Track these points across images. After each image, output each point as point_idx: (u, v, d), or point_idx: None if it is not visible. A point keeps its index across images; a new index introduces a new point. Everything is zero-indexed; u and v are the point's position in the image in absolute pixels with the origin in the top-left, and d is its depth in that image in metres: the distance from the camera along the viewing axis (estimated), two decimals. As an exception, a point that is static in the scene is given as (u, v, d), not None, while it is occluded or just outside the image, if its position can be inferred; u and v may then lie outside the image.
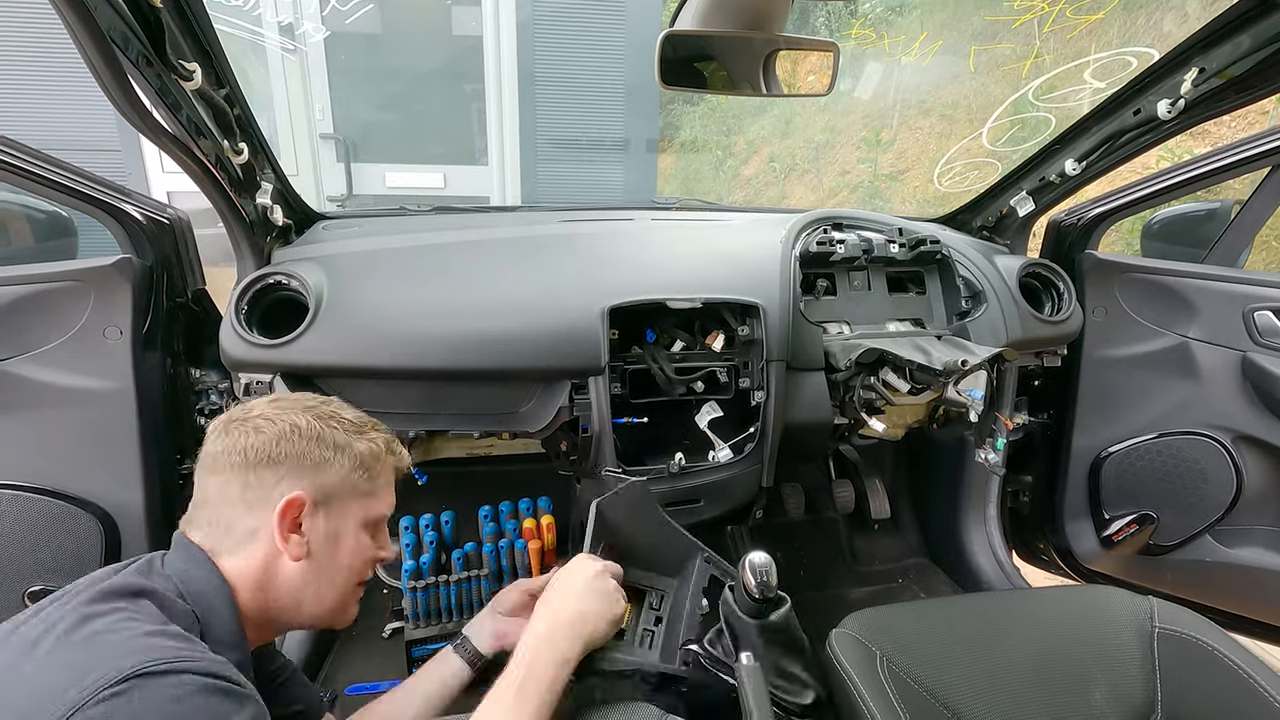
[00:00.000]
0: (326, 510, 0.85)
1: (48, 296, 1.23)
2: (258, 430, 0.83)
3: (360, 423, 0.92)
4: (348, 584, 0.90)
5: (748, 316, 1.35)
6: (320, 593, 0.86)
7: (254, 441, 0.82)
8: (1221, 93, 1.16)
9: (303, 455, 0.83)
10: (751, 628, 0.97)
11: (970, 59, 5.12)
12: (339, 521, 0.87)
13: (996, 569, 1.77)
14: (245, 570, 0.81)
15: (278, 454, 0.82)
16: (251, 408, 0.86)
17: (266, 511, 0.81)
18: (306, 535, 0.83)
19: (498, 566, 1.56)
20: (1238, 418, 1.52)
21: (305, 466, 0.83)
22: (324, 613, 0.89)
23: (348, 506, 0.88)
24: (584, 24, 4.22)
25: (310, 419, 0.86)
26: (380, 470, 0.92)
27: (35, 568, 1.27)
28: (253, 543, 0.81)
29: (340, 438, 0.87)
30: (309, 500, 0.83)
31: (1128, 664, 1.06)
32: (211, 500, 0.82)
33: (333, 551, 0.86)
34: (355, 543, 0.89)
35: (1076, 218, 1.66)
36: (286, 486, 0.82)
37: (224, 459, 0.82)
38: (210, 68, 1.00)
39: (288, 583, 0.83)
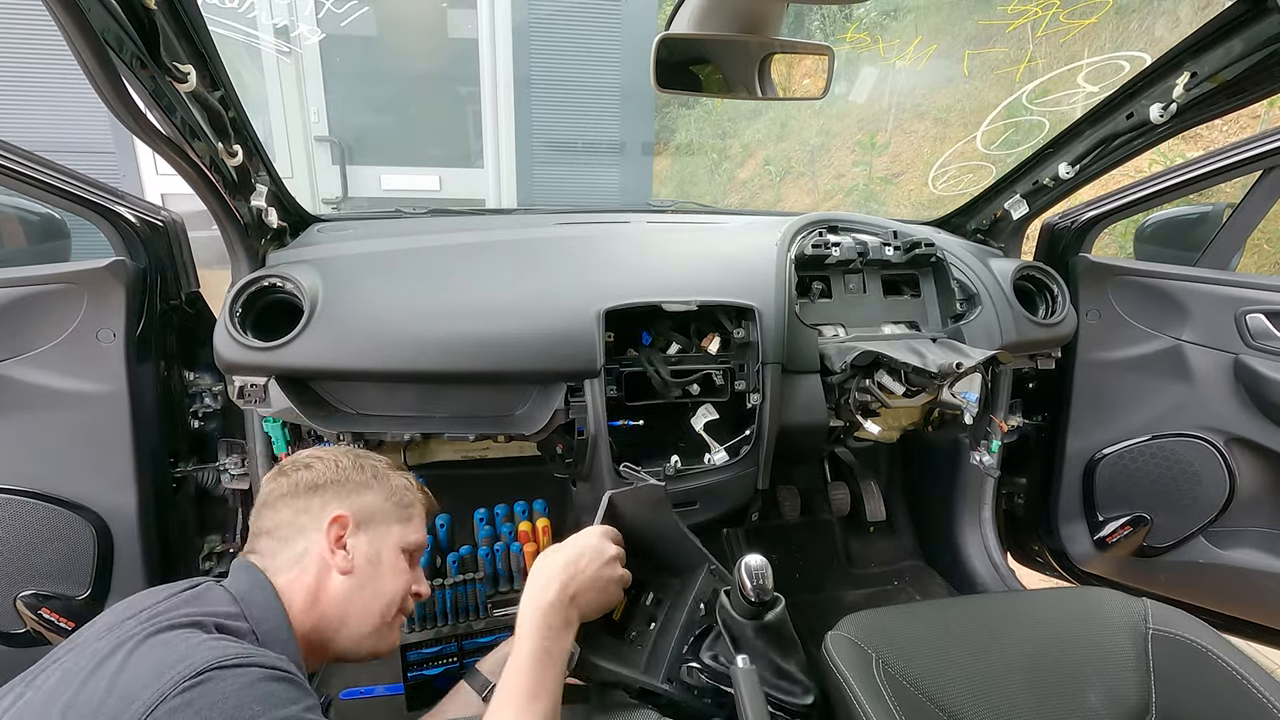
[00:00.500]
0: (368, 531, 0.97)
1: (41, 299, 1.23)
2: (308, 467, 0.98)
3: (396, 466, 1.07)
4: (389, 608, 0.98)
5: (743, 319, 1.35)
6: (366, 609, 0.95)
7: (305, 476, 0.97)
8: (1213, 97, 1.17)
9: (345, 480, 0.98)
10: (748, 629, 0.97)
11: (964, 63, 5.15)
12: (379, 542, 0.98)
13: (991, 571, 1.78)
14: (298, 586, 0.90)
15: (325, 483, 0.97)
16: (299, 456, 1.02)
17: (316, 533, 0.93)
18: (351, 551, 0.94)
19: (493, 570, 1.56)
20: (1230, 420, 1.53)
21: (348, 489, 0.98)
22: (369, 632, 0.96)
23: (387, 529, 1.00)
24: (579, 27, 4.22)
25: (352, 457, 1.02)
26: (413, 503, 1.05)
27: (28, 572, 1.26)
28: (304, 560, 0.92)
29: (379, 469, 1.03)
30: (351, 520, 0.95)
31: (1122, 665, 1.06)
32: (267, 529, 0.94)
33: (375, 570, 0.97)
34: (394, 566, 0.99)
35: (1070, 221, 1.67)
36: (332, 509, 0.95)
37: (277, 494, 0.96)
38: (205, 70, 0.99)
39: (335, 597, 0.92)
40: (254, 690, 0.65)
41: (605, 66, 4.31)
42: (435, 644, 1.48)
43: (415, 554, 1.05)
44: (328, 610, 0.92)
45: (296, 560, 0.91)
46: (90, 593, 1.30)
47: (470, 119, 4.21)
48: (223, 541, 1.52)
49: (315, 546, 0.92)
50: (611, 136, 4.46)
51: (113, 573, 1.32)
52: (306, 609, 0.89)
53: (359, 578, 0.94)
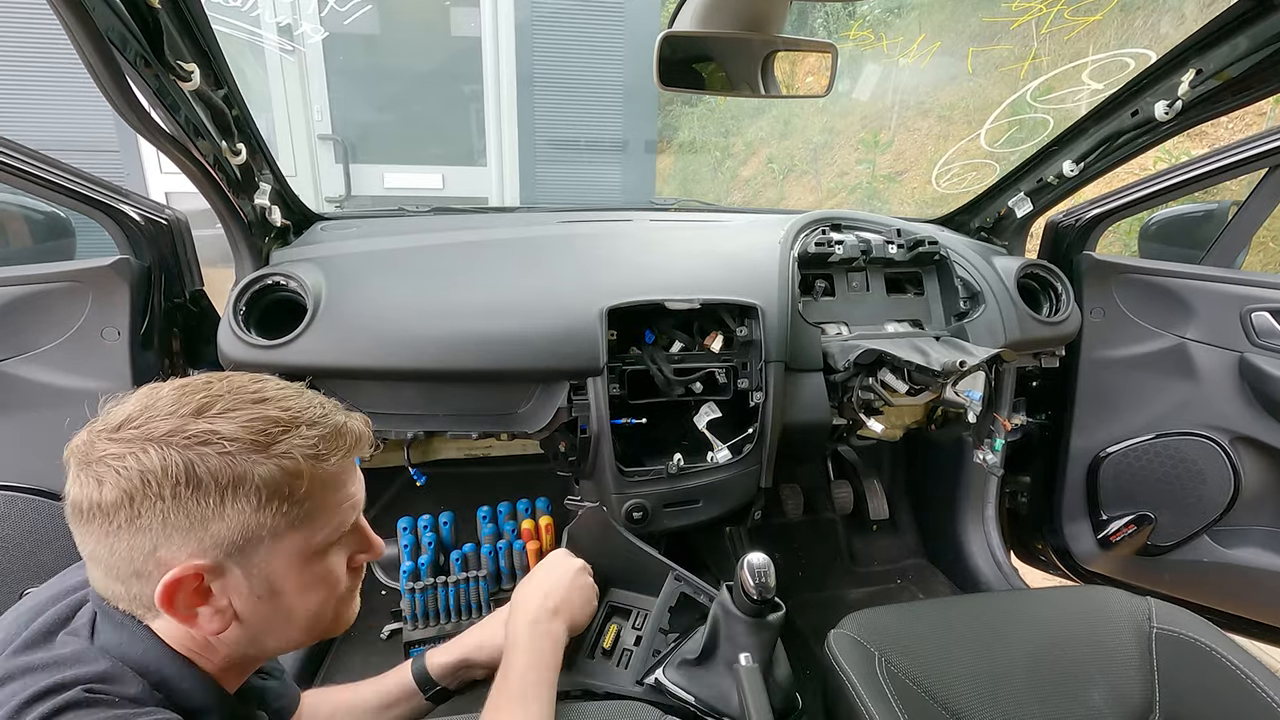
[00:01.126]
0: (240, 564, 0.63)
1: (46, 297, 1.23)
2: (100, 482, 0.58)
3: (256, 435, 0.62)
4: (321, 610, 0.70)
5: (746, 317, 1.35)
6: (283, 635, 0.69)
7: (99, 498, 0.58)
8: (1219, 94, 1.16)
9: (169, 513, 0.59)
10: (745, 627, 0.97)
11: (968, 60, 5.13)
12: (265, 569, 0.64)
13: (995, 570, 1.77)
14: (179, 636, 0.65)
15: (135, 515, 0.58)
16: (93, 441, 0.61)
17: (156, 582, 0.60)
18: (217, 602, 0.63)
19: (496, 567, 1.56)
20: (1235, 418, 1.52)
21: (181, 526, 0.59)
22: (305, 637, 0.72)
23: (273, 549, 0.64)
24: (582, 25, 4.22)
25: (169, 453, 0.58)
26: (310, 488, 0.64)
27: (35, 569, 1.27)
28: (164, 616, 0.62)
29: (223, 471, 0.60)
30: (204, 567, 0.61)
31: (1126, 664, 1.06)
32: (97, 559, 0.62)
33: (271, 602, 0.66)
34: (301, 580, 0.67)
35: (1074, 219, 1.66)
36: (166, 554, 0.60)
37: (76, 516, 0.60)
38: (208, 68, 1.00)
39: (233, 645, 0.67)
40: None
41: (608, 64, 4.31)
42: (438, 641, 1.48)
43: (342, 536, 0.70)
44: (231, 652, 0.67)
45: (148, 606, 0.62)
46: (95, 590, 1.30)
47: (473, 117, 4.21)
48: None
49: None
50: (614, 134, 4.46)
51: (118, 570, 1.33)
52: (203, 653, 0.66)
53: (252, 620, 0.65)
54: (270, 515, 0.62)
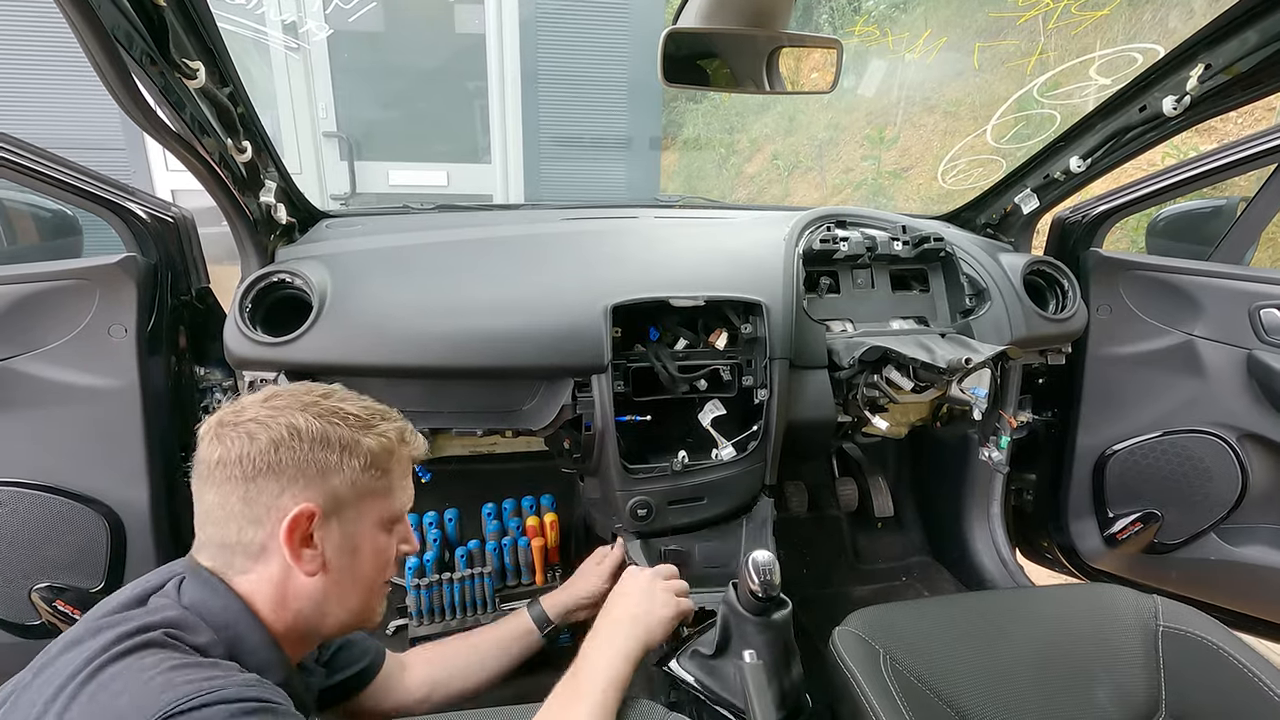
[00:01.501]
0: (339, 518, 0.79)
1: (53, 295, 1.24)
2: (252, 436, 0.75)
3: (367, 415, 0.84)
4: (372, 586, 0.86)
5: (751, 314, 1.35)
6: (345, 601, 0.83)
7: (249, 449, 0.75)
8: (1228, 89, 1.15)
9: (305, 462, 0.76)
10: (750, 626, 0.97)
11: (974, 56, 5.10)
12: (354, 527, 0.81)
13: (1000, 567, 1.77)
14: (261, 589, 0.77)
15: (277, 462, 0.75)
16: (243, 408, 0.78)
17: (273, 525, 0.75)
18: (320, 547, 0.78)
19: (501, 564, 1.57)
20: (1243, 416, 1.52)
21: (310, 474, 0.76)
22: (352, 618, 0.85)
23: (362, 509, 0.82)
24: (587, 22, 4.21)
25: (310, 418, 0.78)
26: (394, 465, 0.85)
27: (42, 565, 1.28)
28: (263, 559, 0.76)
29: (346, 436, 0.79)
30: (319, 511, 0.77)
31: (1132, 662, 1.06)
32: (214, 516, 0.77)
33: (351, 559, 0.81)
34: (374, 545, 0.84)
35: (1081, 215, 1.65)
36: (290, 498, 0.75)
37: (219, 470, 0.75)
38: (214, 66, 1.00)
39: (308, 597, 0.79)
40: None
41: (613, 61, 4.30)
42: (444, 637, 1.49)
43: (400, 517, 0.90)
44: (301, 608, 0.79)
45: (254, 558, 0.76)
46: (104, 585, 1.32)
47: (478, 114, 4.21)
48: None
49: (274, 543, 0.76)
50: (619, 131, 4.45)
51: (125, 565, 1.34)
52: (276, 610, 0.78)
53: (333, 573, 0.80)
54: (369, 478, 0.81)
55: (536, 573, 1.59)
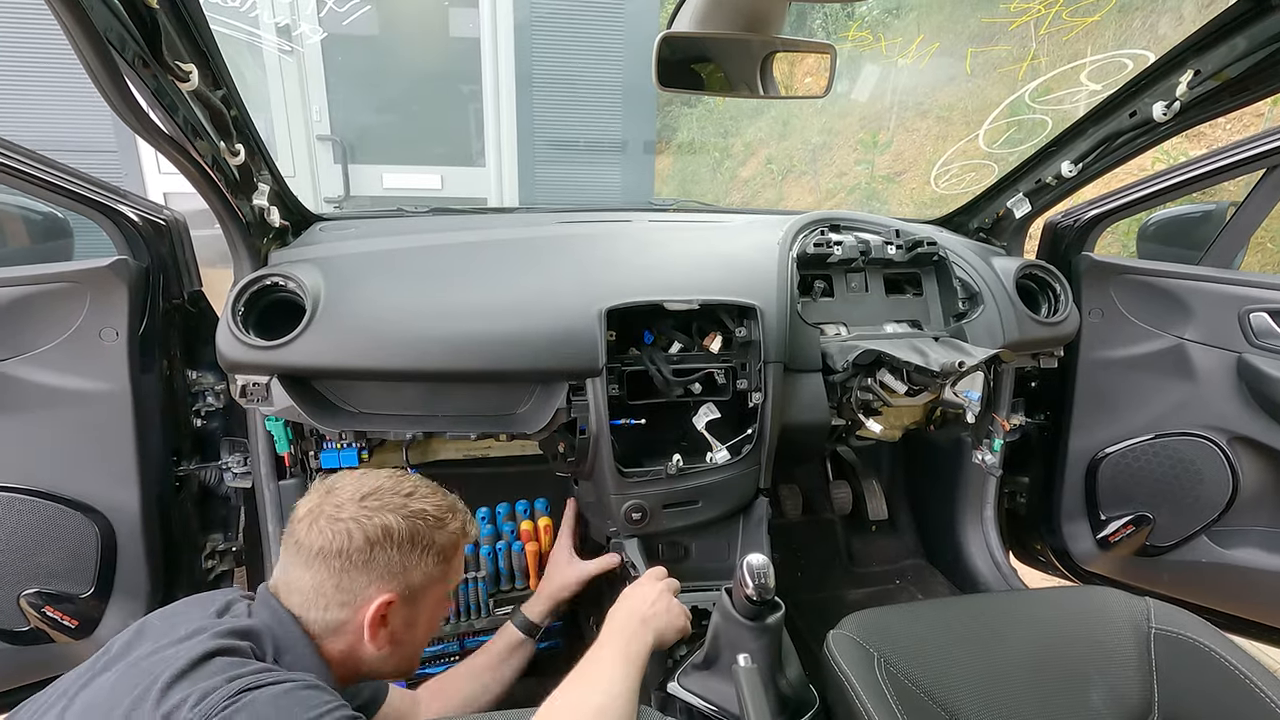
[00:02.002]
0: (412, 603, 0.93)
1: (44, 298, 1.23)
2: (350, 535, 0.87)
3: (440, 514, 0.96)
4: (420, 648, 1.01)
5: (745, 318, 1.35)
6: (400, 664, 0.97)
7: (347, 546, 0.87)
8: (1217, 95, 1.16)
9: (393, 561, 0.89)
10: (746, 632, 0.97)
11: (967, 61, 5.14)
12: (420, 608, 0.95)
13: (994, 570, 1.77)
14: (332, 648, 0.89)
15: (371, 560, 0.88)
16: (342, 505, 0.90)
17: (356, 609, 0.88)
18: (391, 626, 0.91)
19: (495, 568, 1.56)
20: (1233, 419, 1.53)
21: (395, 570, 0.90)
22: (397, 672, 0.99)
23: (429, 594, 0.95)
24: (581, 26, 4.22)
25: (400, 520, 0.90)
26: (455, 554, 0.99)
27: (32, 571, 1.26)
28: (341, 631, 0.89)
29: (426, 536, 0.93)
30: (397, 599, 0.90)
31: (1125, 665, 1.06)
32: (304, 589, 0.88)
33: (413, 632, 0.95)
34: (430, 617, 0.98)
35: (1073, 219, 1.66)
36: (376, 590, 0.88)
37: (319, 559, 0.87)
38: (207, 69, 0.99)
39: (368, 662, 0.92)
40: (287, 699, 0.69)
41: (607, 65, 4.31)
42: (438, 642, 1.49)
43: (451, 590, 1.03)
44: (360, 667, 0.93)
45: (331, 629, 0.88)
46: (94, 591, 1.30)
47: (472, 118, 4.21)
48: (225, 540, 1.53)
49: (353, 623, 0.88)
50: (613, 135, 4.46)
51: (116, 571, 1.33)
52: (339, 666, 0.90)
53: (396, 646, 0.93)
54: (439, 570, 0.94)
55: (531, 577, 1.58)
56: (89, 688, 0.74)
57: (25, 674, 1.34)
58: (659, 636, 1.03)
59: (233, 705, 0.67)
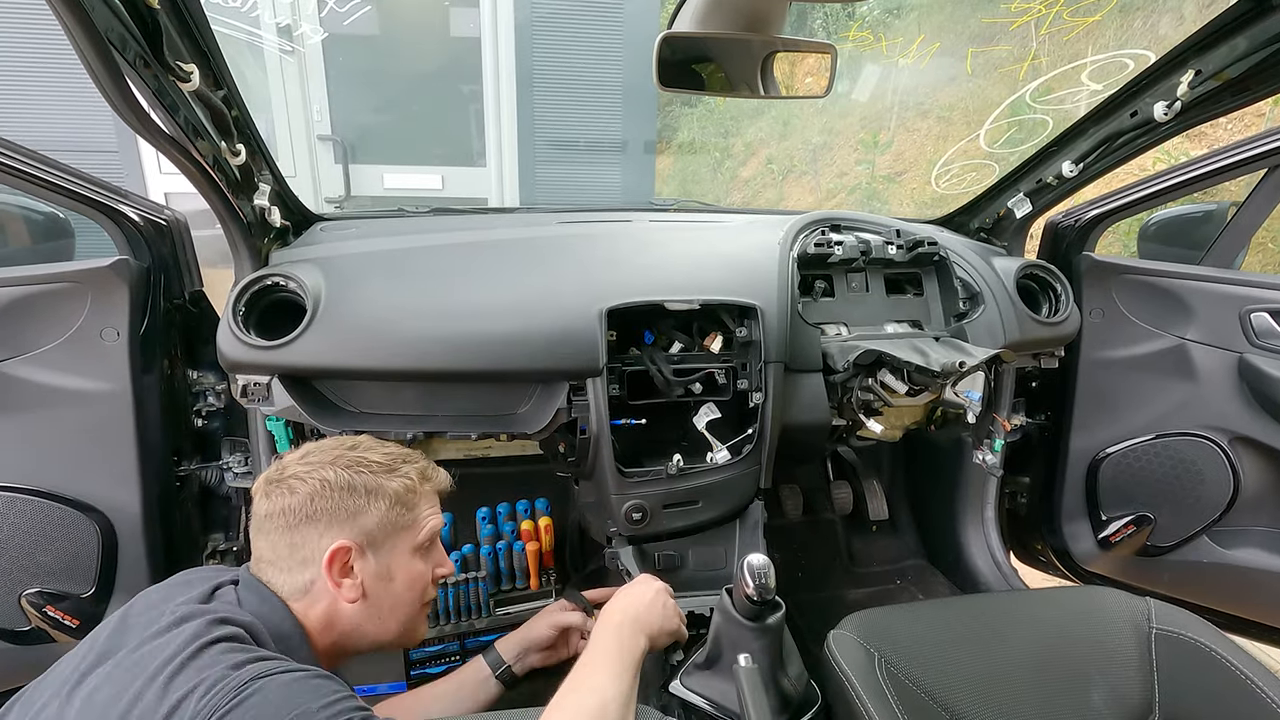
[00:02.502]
0: (374, 550, 0.94)
1: (45, 298, 1.23)
2: (292, 491, 0.91)
3: (389, 461, 0.98)
4: (411, 608, 1.00)
5: (746, 318, 1.35)
6: (383, 623, 0.96)
7: (290, 502, 0.90)
8: (1218, 95, 1.16)
9: (337, 508, 0.91)
10: (747, 632, 0.97)
11: (967, 61, 5.13)
12: (388, 558, 0.96)
13: (994, 570, 1.77)
14: (311, 614, 0.90)
15: (314, 511, 0.90)
16: (285, 467, 0.94)
17: (316, 565, 0.89)
18: (359, 577, 0.92)
19: (495, 568, 1.56)
20: (1234, 419, 1.53)
21: (341, 518, 0.91)
22: (392, 638, 0.99)
23: (395, 542, 0.96)
24: (582, 26, 4.22)
25: (338, 470, 0.93)
26: (418, 500, 1.00)
27: (33, 570, 1.27)
28: (311, 593, 0.90)
29: (370, 482, 0.94)
30: (353, 546, 0.91)
31: (1125, 665, 1.06)
32: (267, 558, 0.91)
33: (388, 585, 0.96)
34: (409, 571, 0.98)
35: (1074, 219, 1.66)
36: (329, 539, 0.90)
37: (269, 522, 0.91)
38: (208, 69, 1.00)
39: (350, 620, 0.93)
40: (298, 686, 0.71)
41: (607, 65, 4.31)
42: (438, 642, 1.49)
43: (432, 542, 1.03)
44: (345, 631, 0.93)
45: (304, 590, 0.90)
46: (95, 591, 1.31)
47: (473, 118, 4.21)
48: (226, 540, 1.53)
49: (319, 580, 0.90)
50: (614, 135, 4.46)
51: (117, 571, 1.33)
52: (322, 632, 0.91)
53: (372, 599, 0.94)
54: (396, 514, 0.95)
55: (531, 577, 1.58)
56: (84, 685, 0.73)
57: (26, 673, 1.33)
58: (651, 637, 1.01)
59: (246, 691, 0.67)
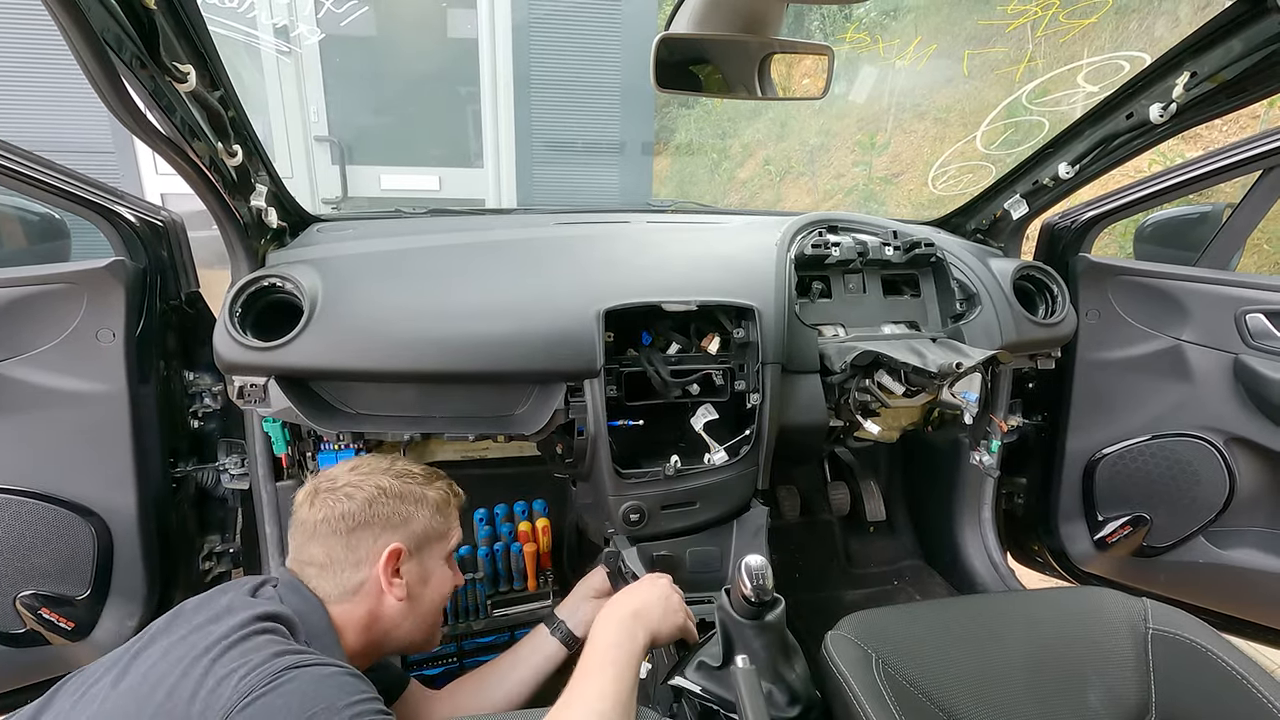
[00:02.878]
0: (418, 555, 1.04)
1: (40, 299, 1.23)
2: (349, 497, 0.99)
3: (427, 474, 1.10)
4: (439, 612, 1.10)
5: (743, 319, 1.35)
6: (417, 624, 1.05)
7: (348, 508, 0.98)
8: (1213, 97, 1.17)
9: (393, 513, 1.01)
10: (748, 630, 0.97)
11: (964, 63, 5.15)
12: (428, 562, 1.06)
13: (991, 571, 1.78)
14: (352, 615, 0.97)
15: (372, 515, 0.99)
16: (336, 477, 1.03)
17: (370, 566, 0.98)
18: (405, 578, 1.01)
19: (493, 570, 1.56)
20: (1230, 420, 1.53)
21: (396, 522, 1.01)
22: (421, 639, 1.07)
23: (433, 548, 1.07)
24: (579, 27, 4.22)
25: (390, 480, 1.03)
26: (450, 511, 1.11)
27: (28, 573, 1.26)
28: (359, 593, 0.98)
29: (417, 491, 1.05)
30: (405, 549, 1.01)
31: (1122, 665, 1.06)
32: (319, 562, 0.97)
33: (425, 588, 1.05)
34: (441, 576, 1.09)
35: (1070, 221, 1.67)
36: (384, 543, 0.99)
37: (324, 527, 0.98)
38: (205, 70, 0.99)
39: (392, 619, 1.01)
40: (330, 681, 0.75)
41: (605, 66, 4.31)
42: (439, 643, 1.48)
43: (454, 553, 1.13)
44: (382, 630, 1.01)
45: (351, 593, 0.97)
46: (90, 593, 1.30)
47: (470, 119, 4.21)
48: (223, 541, 1.53)
49: (371, 580, 0.98)
50: (611, 136, 4.46)
51: (112, 573, 1.32)
52: (359, 634, 0.98)
53: (412, 600, 1.02)
54: (436, 522, 1.07)
55: (529, 578, 1.58)
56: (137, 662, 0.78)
57: (22, 676, 1.34)
58: (654, 634, 1.01)
59: (281, 679, 0.72)
